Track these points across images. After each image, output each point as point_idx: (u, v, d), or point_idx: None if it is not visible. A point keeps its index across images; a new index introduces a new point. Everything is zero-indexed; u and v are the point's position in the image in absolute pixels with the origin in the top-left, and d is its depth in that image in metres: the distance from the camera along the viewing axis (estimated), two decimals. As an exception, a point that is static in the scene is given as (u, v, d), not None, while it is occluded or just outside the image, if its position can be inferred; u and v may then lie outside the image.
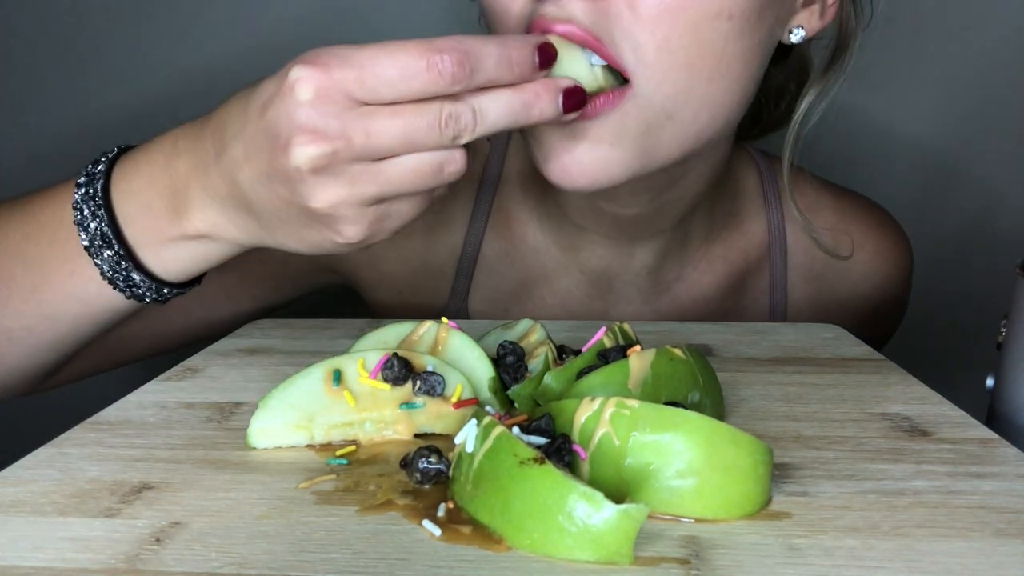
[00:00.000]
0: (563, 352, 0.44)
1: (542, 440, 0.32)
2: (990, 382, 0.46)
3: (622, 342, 0.42)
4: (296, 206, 0.39)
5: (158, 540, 0.29)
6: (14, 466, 0.35)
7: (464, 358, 0.41)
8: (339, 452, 0.36)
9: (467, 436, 0.31)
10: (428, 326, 0.43)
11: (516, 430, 0.32)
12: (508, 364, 0.40)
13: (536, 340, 0.44)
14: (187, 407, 0.42)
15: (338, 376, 0.38)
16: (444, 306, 0.65)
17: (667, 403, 0.32)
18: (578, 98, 0.40)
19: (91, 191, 0.44)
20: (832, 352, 0.50)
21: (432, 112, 0.36)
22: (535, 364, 0.41)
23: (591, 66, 0.42)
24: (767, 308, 0.66)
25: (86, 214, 0.44)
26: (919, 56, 0.88)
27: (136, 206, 0.44)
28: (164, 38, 0.91)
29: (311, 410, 0.37)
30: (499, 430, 0.30)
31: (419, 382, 0.38)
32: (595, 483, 0.29)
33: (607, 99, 0.43)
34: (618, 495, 0.29)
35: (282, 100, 0.36)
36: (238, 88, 0.42)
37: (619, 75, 0.43)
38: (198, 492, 0.33)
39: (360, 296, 0.68)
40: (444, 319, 0.43)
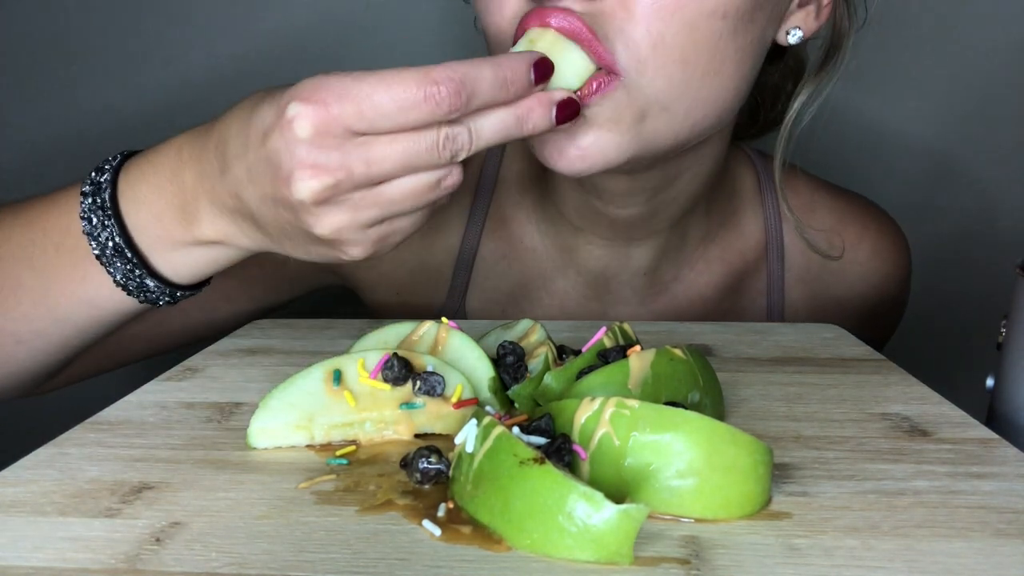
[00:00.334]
0: (563, 352, 0.44)
1: (542, 440, 0.32)
2: (990, 382, 0.46)
3: (622, 342, 0.42)
4: (301, 230, 0.40)
5: (158, 540, 0.29)
6: (14, 466, 0.35)
7: (464, 358, 0.41)
8: (339, 452, 0.36)
9: (467, 436, 0.31)
10: (428, 326, 0.43)
11: (516, 430, 0.32)
12: (508, 364, 0.40)
13: (536, 340, 0.44)
14: (187, 407, 0.42)
15: (338, 376, 0.38)
16: (442, 307, 0.65)
17: (667, 403, 0.32)
18: (571, 109, 0.40)
19: (99, 201, 0.44)
20: (832, 352, 0.50)
21: (430, 137, 0.37)
22: (535, 364, 0.41)
23: (586, 57, 0.42)
24: (764, 308, 0.66)
25: (95, 224, 0.44)
26: (920, 56, 0.88)
27: (145, 215, 0.44)
28: (164, 41, 0.91)
29: (311, 410, 0.37)
30: (499, 430, 0.30)
31: (419, 382, 0.38)
32: (595, 483, 0.29)
33: (599, 84, 0.43)
34: (618, 495, 0.29)
35: (281, 134, 0.37)
36: (238, 93, 0.42)
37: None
38: (198, 492, 0.33)
39: (358, 297, 0.69)
40: (444, 319, 0.43)
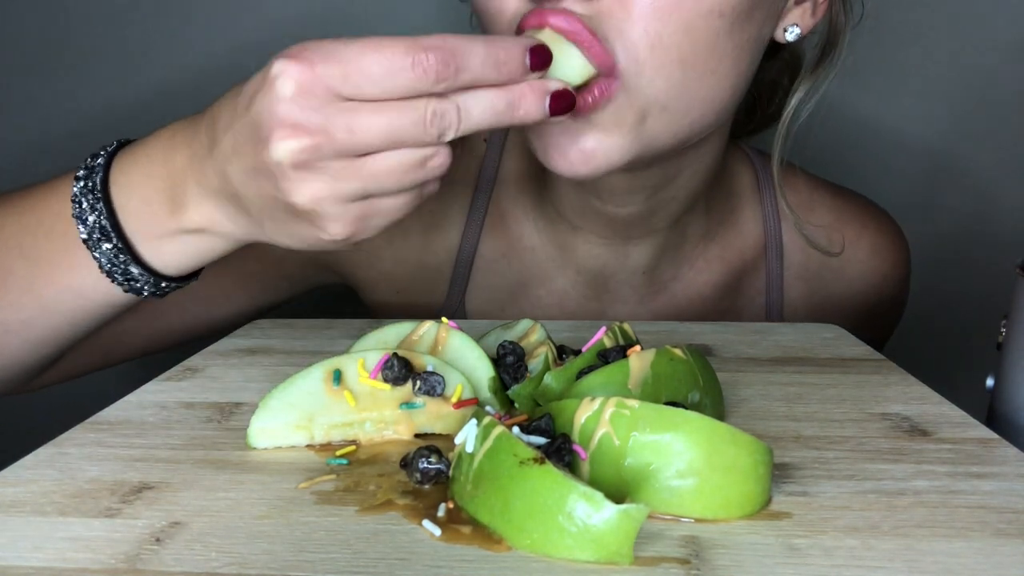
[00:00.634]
0: (563, 352, 0.44)
1: (542, 440, 0.32)
2: (990, 382, 0.46)
3: (622, 342, 0.42)
4: (280, 202, 0.39)
5: (158, 540, 0.29)
6: (14, 466, 0.35)
7: (464, 358, 0.41)
8: (339, 452, 0.36)
9: (467, 436, 0.31)
10: (428, 326, 0.43)
11: (516, 430, 0.32)
12: (508, 364, 0.40)
13: (536, 340, 0.44)
14: (187, 407, 0.42)
15: (338, 376, 0.38)
16: (441, 305, 0.65)
17: (667, 403, 0.32)
18: (566, 101, 0.39)
19: (90, 184, 0.44)
20: (832, 352, 0.50)
21: (417, 109, 0.36)
22: (535, 364, 0.41)
23: (584, 58, 0.42)
24: (763, 307, 0.66)
25: (85, 207, 0.44)
26: (920, 55, 0.88)
27: (135, 199, 0.44)
28: (163, 39, 0.91)
29: (311, 410, 0.37)
30: (499, 430, 0.30)
31: (419, 382, 0.38)
32: (595, 483, 0.29)
33: (601, 91, 0.43)
34: (618, 495, 0.29)
35: (264, 94, 0.36)
36: (236, 83, 0.42)
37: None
38: (198, 492, 0.33)
39: (358, 296, 0.68)
40: (444, 319, 0.43)
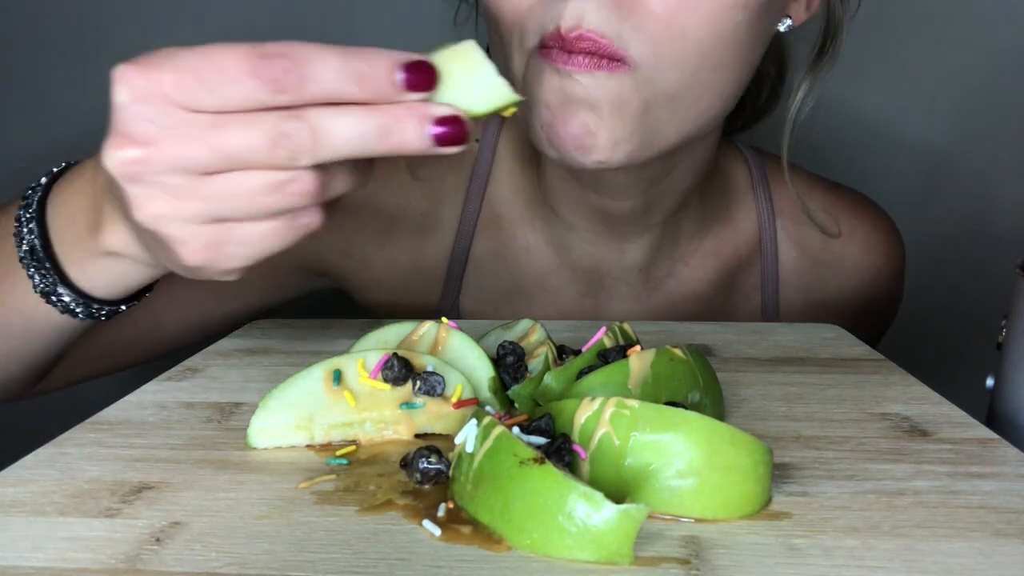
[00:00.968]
0: (563, 352, 0.44)
1: (542, 440, 0.32)
2: (990, 382, 0.46)
3: (622, 342, 0.42)
4: (130, 220, 0.35)
5: (158, 540, 0.29)
6: (14, 466, 0.35)
7: (464, 358, 0.41)
8: (339, 452, 0.36)
9: (467, 436, 0.31)
10: (428, 326, 0.43)
11: (516, 430, 0.32)
12: (508, 364, 0.40)
13: (536, 340, 0.44)
14: (187, 407, 0.42)
15: (338, 376, 0.38)
16: (435, 307, 0.65)
17: (667, 403, 0.32)
18: (456, 130, 0.34)
19: (30, 203, 0.43)
20: (832, 352, 0.50)
21: (261, 126, 0.32)
22: (535, 364, 0.41)
23: (503, 82, 0.35)
24: (759, 303, 0.66)
25: (21, 225, 0.43)
26: (920, 55, 0.88)
27: (63, 219, 0.42)
28: (160, 41, 0.91)
29: (311, 410, 0.37)
30: (499, 430, 0.30)
31: (419, 382, 0.38)
32: (595, 483, 0.29)
33: (602, 65, 0.43)
34: (618, 495, 0.29)
35: (111, 101, 0.33)
36: None
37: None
38: (198, 492, 0.33)
39: (352, 299, 0.68)
40: (444, 319, 0.43)
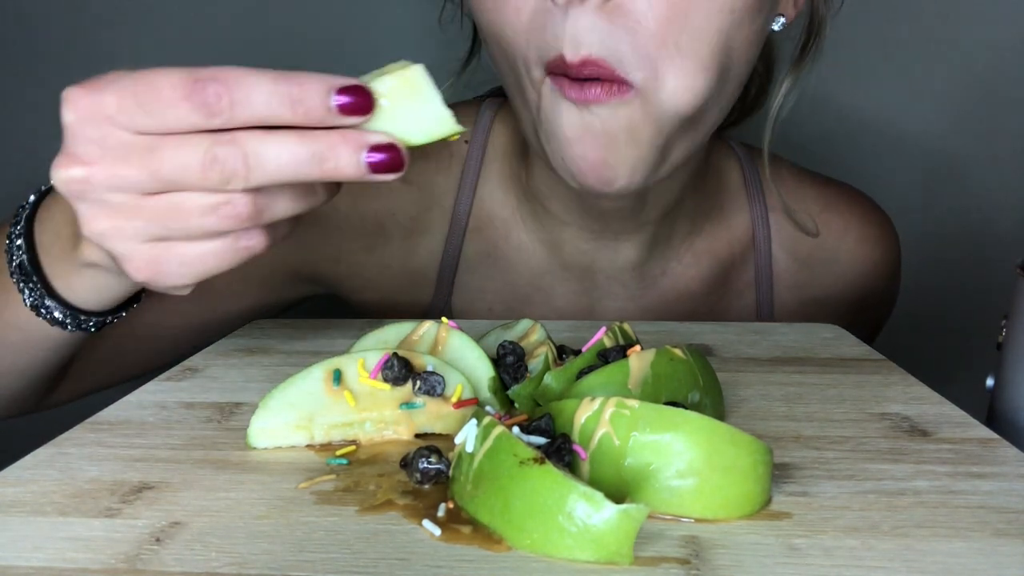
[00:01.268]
0: (563, 352, 0.44)
1: (542, 440, 0.32)
2: (990, 382, 0.46)
3: (622, 342, 0.42)
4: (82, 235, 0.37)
5: (158, 540, 0.29)
6: (14, 466, 0.35)
7: (464, 358, 0.41)
8: (339, 452, 0.36)
9: (467, 436, 0.31)
10: (428, 326, 0.43)
11: (516, 430, 0.32)
12: (508, 364, 0.40)
13: (536, 340, 0.44)
14: (187, 407, 0.42)
15: (338, 376, 0.38)
16: (427, 308, 0.65)
17: (667, 403, 0.32)
18: (392, 157, 0.35)
19: (20, 219, 0.44)
20: (832, 352, 0.50)
21: (194, 149, 0.33)
22: (535, 364, 0.41)
23: (446, 112, 0.35)
24: (754, 301, 0.66)
25: (11, 240, 0.44)
26: (921, 54, 0.88)
27: (49, 235, 0.43)
28: (162, 44, 0.91)
29: (311, 410, 0.37)
30: (499, 430, 0.30)
31: (419, 382, 0.38)
32: (595, 483, 0.29)
33: (610, 92, 0.44)
34: (618, 495, 0.29)
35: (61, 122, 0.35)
36: None
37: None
38: (198, 492, 0.33)
39: (345, 302, 0.68)
40: (444, 319, 0.43)
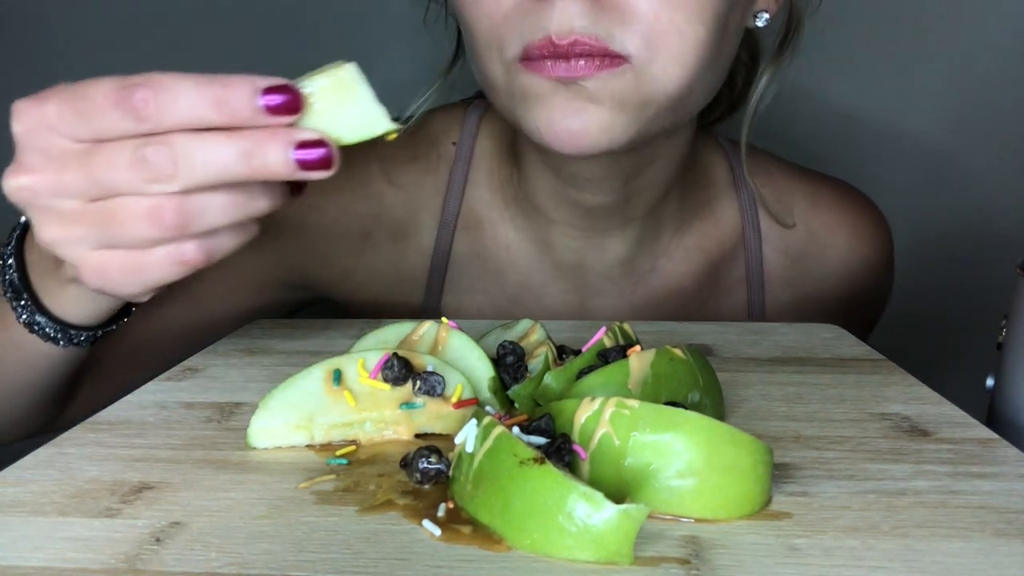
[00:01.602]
0: (563, 352, 0.44)
1: (542, 440, 0.32)
2: (990, 382, 0.46)
3: (622, 342, 0.42)
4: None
5: (158, 540, 0.29)
6: (14, 466, 0.35)
7: (464, 358, 0.41)
8: (339, 452, 0.36)
9: (467, 436, 0.31)
10: (428, 326, 0.43)
11: (516, 430, 0.32)
12: (508, 364, 0.40)
13: (536, 340, 0.44)
14: (187, 407, 0.42)
15: (338, 376, 0.38)
16: (418, 309, 0.65)
17: (667, 403, 0.32)
18: (322, 154, 0.34)
19: (10, 240, 0.45)
20: (832, 352, 0.50)
21: (123, 153, 0.34)
22: (535, 364, 0.41)
23: (380, 111, 0.35)
24: (744, 296, 0.66)
25: (4, 259, 0.45)
26: (920, 54, 0.88)
27: (36, 252, 0.44)
28: (168, 46, 0.91)
29: (311, 410, 0.37)
30: (499, 430, 0.30)
31: (419, 382, 0.38)
32: (595, 483, 0.29)
33: (603, 64, 0.44)
34: (618, 495, 0.29)
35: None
36: None
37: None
38: (198, 492, 0.33)
39: (339, 305, 0.68)
40: (444, 319, 0.43)
